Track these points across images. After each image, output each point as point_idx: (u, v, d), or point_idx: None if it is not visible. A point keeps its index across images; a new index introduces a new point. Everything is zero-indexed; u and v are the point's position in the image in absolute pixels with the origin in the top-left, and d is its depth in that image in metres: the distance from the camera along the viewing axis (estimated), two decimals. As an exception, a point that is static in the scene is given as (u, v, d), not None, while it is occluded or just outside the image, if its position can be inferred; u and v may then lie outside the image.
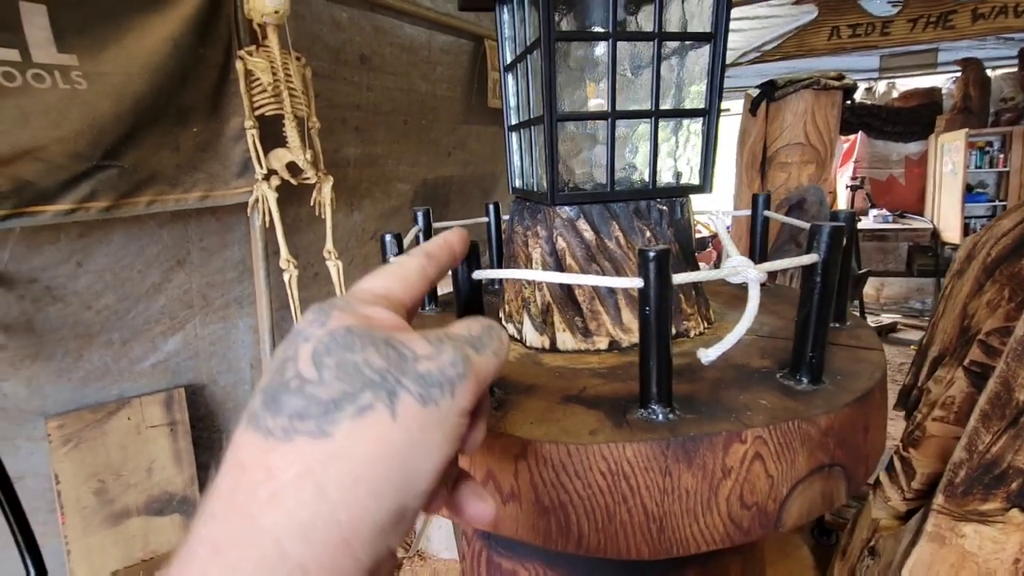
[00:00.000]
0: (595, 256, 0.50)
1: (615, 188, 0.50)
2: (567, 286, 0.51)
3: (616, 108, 0.48)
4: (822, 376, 0.41)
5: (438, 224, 0.71)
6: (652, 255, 0.34)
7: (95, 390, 1.47)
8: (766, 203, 0.65)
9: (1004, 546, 0.83)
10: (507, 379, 0.46)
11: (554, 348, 0.52)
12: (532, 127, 0.53)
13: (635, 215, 0.50)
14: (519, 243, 0.55)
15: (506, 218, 0.66)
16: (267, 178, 1.49)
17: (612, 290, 0.50)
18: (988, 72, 4.93)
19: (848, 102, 3.09)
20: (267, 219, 1.52)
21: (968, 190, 4.89)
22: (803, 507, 0.37)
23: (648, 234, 0.50)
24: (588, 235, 0.50)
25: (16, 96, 1.16)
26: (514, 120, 0.60)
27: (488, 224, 0.73)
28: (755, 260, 0.59)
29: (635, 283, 0.35)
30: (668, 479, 0.34)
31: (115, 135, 1.28)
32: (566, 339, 0.51)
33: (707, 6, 0.47)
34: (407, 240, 0.60)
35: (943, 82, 5.41)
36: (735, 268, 0.36)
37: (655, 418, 0.36)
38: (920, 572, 0.91)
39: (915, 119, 5.30)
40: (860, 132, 5.71)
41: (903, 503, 1.13)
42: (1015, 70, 4.84)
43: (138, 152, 1.33)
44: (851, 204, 5.77)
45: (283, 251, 1.52)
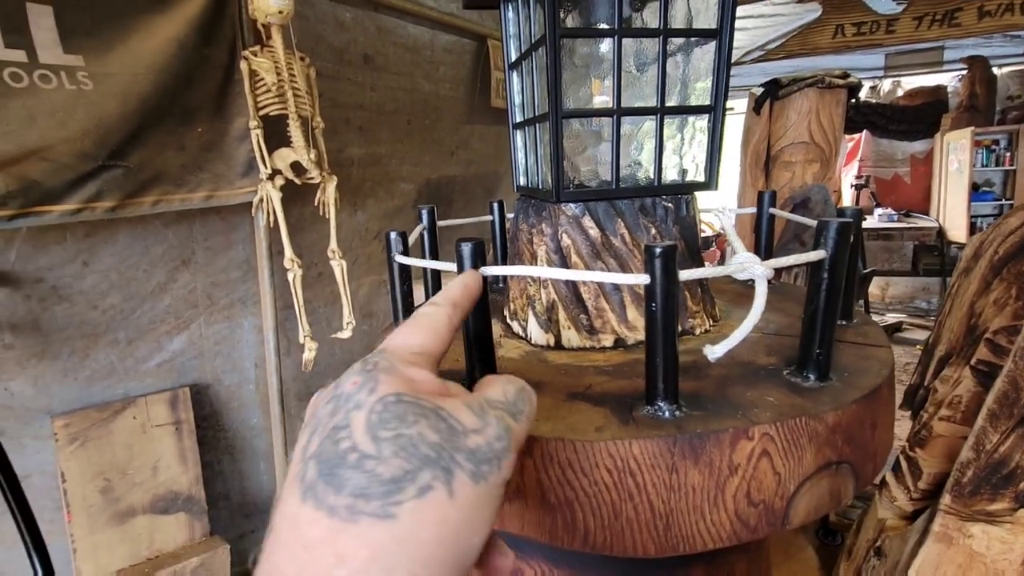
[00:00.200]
0: (600, 253, 0.50)
1: (620, 185, 0.50)
2: (572, 284, 0.51)
3: (621, 105, 0.47)
4: (829, 373, 0.40)
5: (442, 223, 0.71)
6: (658, 251, 0.33)
7: (101, 389, 1.48)
8: (772, 200, 0.65)
9: (1013, 547, 0.83)
10: (512, 377, 0.46)
11: (559, 346, 0.52)
12: (537, 124, 0.53)
13: (640, 212, 0.50)
14: (524, 241, 0.55)
15: (510, 216, 0.66)
16: (271, 178, 1.49)
17: (617, 287, 0.50)
18: (994, 70, 4.89)
19: (853, 100, 3.07)
20: (271, 219, 1.52)
21: (974, 188, 4.86)
22: (811, 504, 0.37)
23: (653, 231, 0.50)
24: (593, 232, 0.50)
25: (23, 96, 1.16)
26: (519, 118, 0.60)
27: (492, 222, 0.73)
28: (761, 257, 0.58)
29: (641, 279, 0.35)
30: (675, 476, 0.34)
31: (121, 135, 1.29)
32: (571, 337, 0.51)
33: (712, 2, 0.47)
34: (412, 238, 0.60)
35: (949, 80, 5.38)
36: (742, 264, 0.36)
37: (661, 415, 0.36)
38: (927, 573, 0.90)
39: (920, 117, 5.27)
40: (865, 131, 5.68)
41: (909, 503, 1.12)
42: (1022, 68, 4.81)
43: (143, 152, 1.33)
44: (856, 203, 5.75)
45: (287, 251, 1.52)
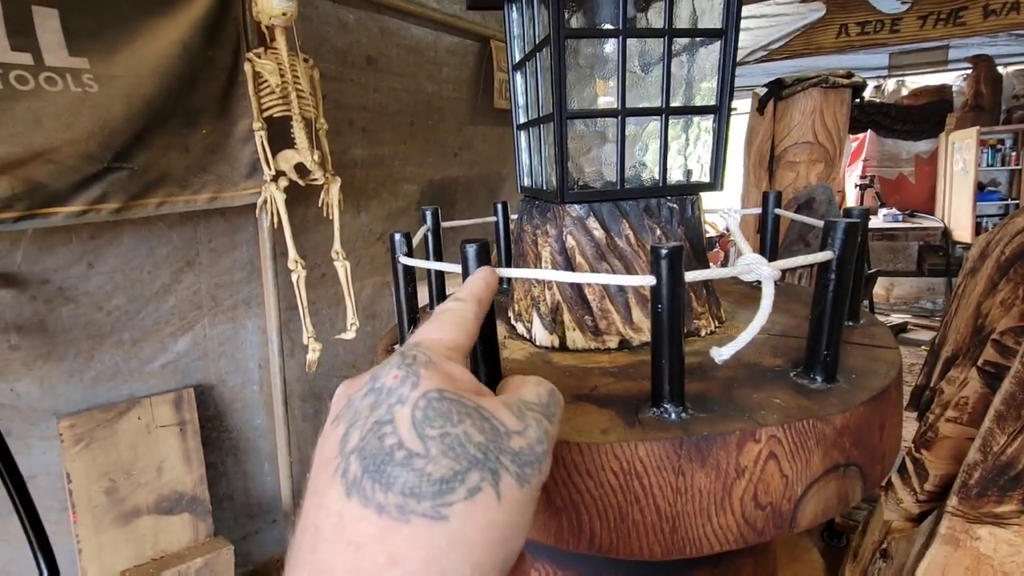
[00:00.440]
0: (605, 255, 0.50)
1: (625, 186, 0.50)
2: (577, 285, 0.50)
3: (626, 105, 0.47)
4: (836, 375, 0.40)
5: (446, 224, 0.71)
6: (664, 252, 0.33)
7: (106, 390, 1.49)
8: (777, 201, 0.64)
9: (1020, 549, 0.82)
10: (517, 378, 0.46)
11: (564, 347, 0.52)
12: (541, 125, 0.53)
13: (645, 213, 0.50)
14: (528, 242, 0.55)
15: (514, 217, 0.66)
16: (275, 179, 1.49)
17: (622, 289, 0.50)
18: (1000, 69, 4.87)
19: (857, 100, 3.06)
20: (275, 220, 1.53)
21: (980, 188, 4.83)
22: (818, 507, 0.36)
23: (658, 232, 0.50)
24: (598, 233, 0.50)
25: (29, 99, 1.17)
26: (523, 119, 0.60)
27: (496, 223, 0.73)
28: (767, 258, 0.58)
29: (647, 281, 0.34)
30: (681, 479, 0.34)
31: (125, 137, 1.29)
32: (576, 338, 0.51)
33: (717, 2, 0.47)
34: (416, 239, 0.60)
35: (953, 79, 5.35)
36: (748, 266, 0.36)
37: (668, 417, 0.36)
38: (934, 575, 0.90)
39: (925, 117, 5.25)
40: (869, 130, 5.66)
41: (916, 505, 1.12)
42: (1027, 67, 4.78)
43: (148, 154, 1.34)
44: (860, 203, 5.72)
45: (291, 252, 1.52)
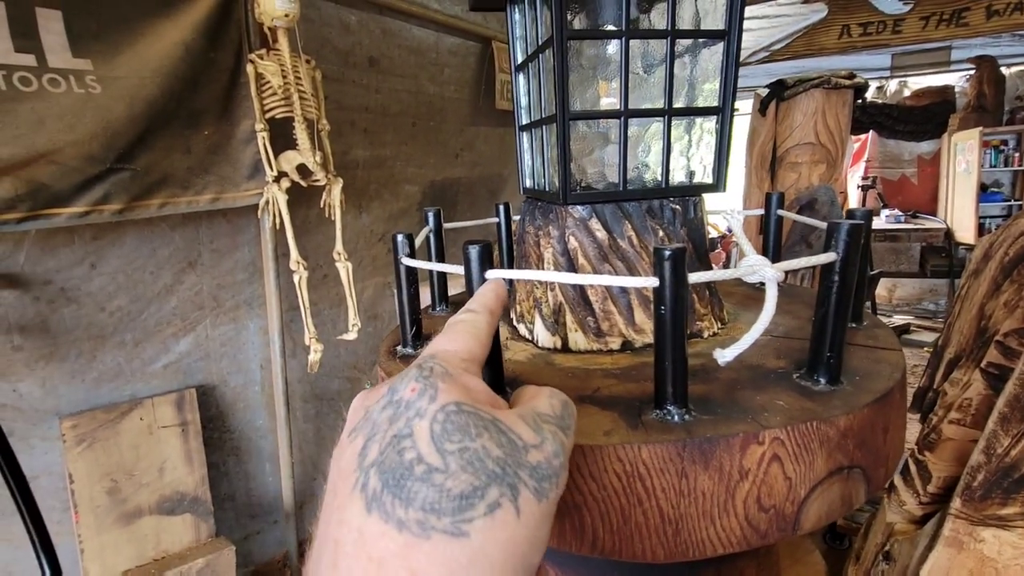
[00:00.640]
0: (608, 256, 0.50)
1: (628, 187, 0.49)
2: (579, 286, 0.50)
3: (629, 107, 0.47)
4: (840, 376, 0.40)
5: (448, 225, 0.71)
6: (667, 254, 0.33)
7: (108, 390, 1.49)
8: (780, 202, 0.64)
9: (1025, 551, 0.82)
10: (519, 380, 0.46)
11: (566, 348, 0.52)
12: (544, 126, 0.53)
13: (648, 214, 0.50)
14: (530, 243, 0.55)
15: (516, 218, 0.66)
16: (277, 180, 1.50)
17: (625, 290, 0.50)
18: (1003, 69, 4.85)
19: (859, 101, 3.05)
20: (277, 221, 1.53)
21: (983, 189, 4.82)
22: (821, 510, 0.36)
23: (661, 233, 0.50)
24: (600, 235, 0.49)
25: (32, 100, 1.17)
26: (525, 120, 0.60)
27: (498, 224, 0.73)
28: (770, 260, 0.58)
29: (650, 282, 0.34)
30: (684, 481, 0.34)
31: (128, 138, 1.30)
32: (578, 339, 0.51)
33: (720, 3, 0.47)
34: (418, 240, 0.60)
35: (956, 80, 5.34)
36: (752, 267, 0.36)
37: (671, 419, 0.36)
38: (937, 577, 0.89)
39: (928, 118, 5.23)
40: (871, 131, 5.65)
41: (918, 507, 1.11)
42: (1030, 67, 4.77)
43: (150, 155, 1.34)
44: (863, 204, 5.71)
45: (293, 253, 1.53)
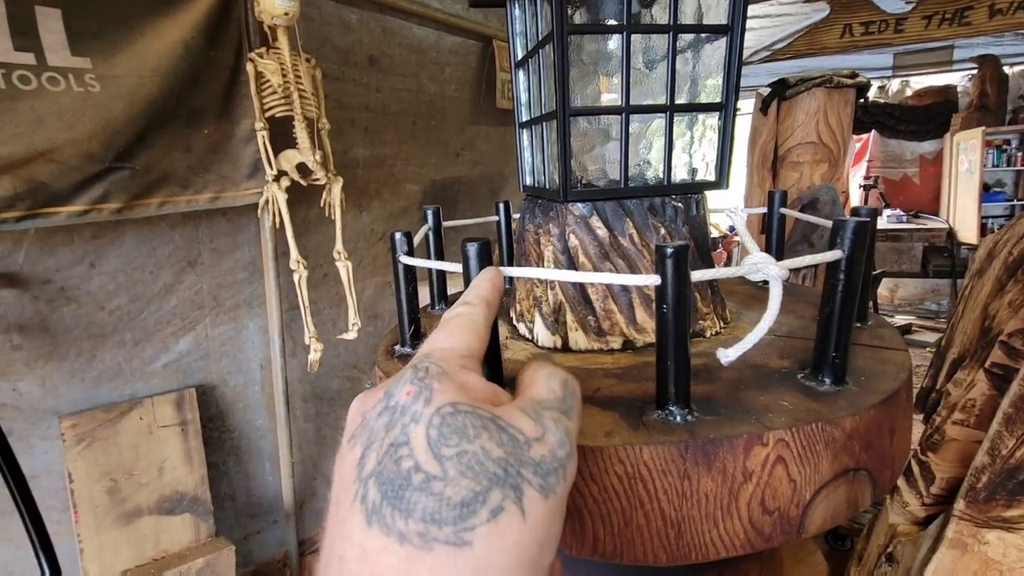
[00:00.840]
0: (608, 254, 0.49)
1: (629, 184, 0.49)
2: (580, 285, 0.50)
3: (630, 103, 0.47)
4: (845, 377, 0.39)
5: (447, 223, 0.70)
6: (670, 251, 0.33)
7: (108, 390, 1.49)
8: (783, 200, 0.64)
9: (1030, 554, 0.81)
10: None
11: (566, 348, 0.51)
12: (544, 123, 0.53)
13: (649, 212, 0.49)
14: (530, 241, 0.54)
15: (516, 217, 0.66)
16: (277, 179, 1.49)
17: (626, 289, 0.49)
18: (1005, 69, 4.84)
19: (861, 100, 3.04)
20: (277, 220, 1.52)
21: (985, 189, 4.81)
22: (827, 513, 0.36)
23: (663, 231, 0.49)
24: (601, 232, 0.49)
25: (31, 99, 1.17)
26: (525, 117, 0.59)
27: (498, 223, 0.73)
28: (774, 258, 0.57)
29: (652, 280, 0.34)
30: (687, 483, 0.33)
31: (127, 137, 1.29)
32: (579, 339, 0.50)
33: (723, -2, 0.46)
34: (417, 239, 0.59)
35: (958, 80, 5.32)
36: (756, 265, 0.35)
37: (673, 420, 0.35)
38: (941, 579, 0.89)
39: (930, 117, 5.22)
40: (873, 131, 5.63)
41: (922, 508, 1.10)
42: (1033, 67, 4.75)
43: (150, 154, 1.34)
44: (864, 204, 5.70)
45: (293, 252, 1.52)
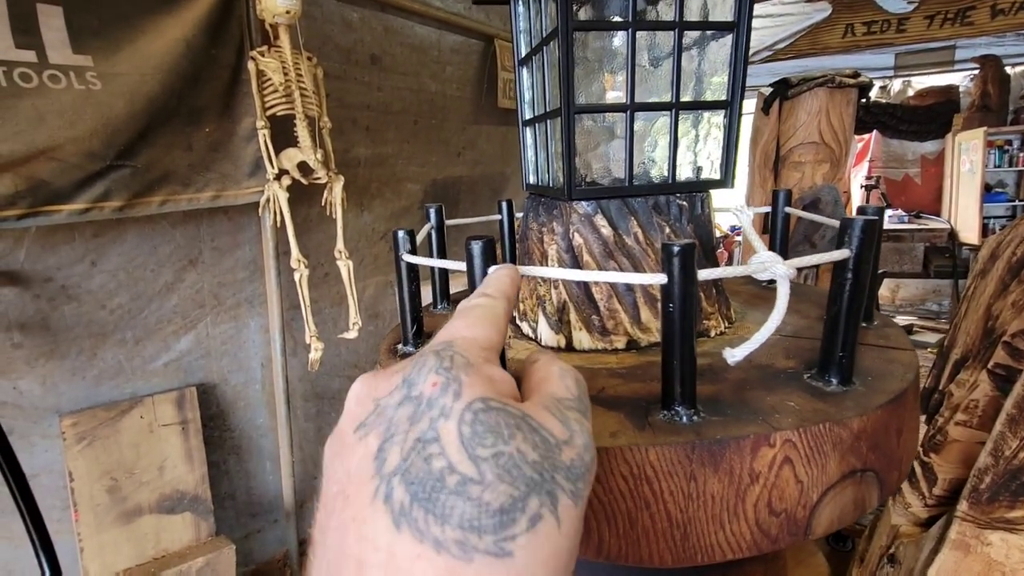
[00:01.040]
0: (613, 253, 0.49)
1: (634, 183, 0.48)
2: (584, 284, 0.49)
3: (635, 100, 0.46)
4: (852, 377, 0.39)
5: (450, 222, 0.70)
6: (677, 250, 0.32)
7: (108, 388, 1.49)
8: (787, 199, 0.63)
9: (1034, 555, 0.80)
10: (521, 380, 0.45)
11: (570, 347, 0.51)
12: (548, 121, 0.52)
13: (654, 211, 0.49)
14: (534, 240, 0.54)
15: (519, 215, 0.65)
16: (278, 178, 1.49)
17: (630, 288, 0.49)
18: (1007, 69, 4.82)
19: (863, 100, 3.03)
20: (278, 219, 1.52)
21: (987, 189, 4.79)
22: (834, 514, 0.35)
23: (668, 230, 0.49)
24: (606, 231, 0.48)
25: (32, 96, 1.17)
26: (529, 115, 0.59)
27: (501, 221, 0.72)
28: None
29: (658, 279, 0.33)
30: (693, 484, 0.33)
31: (128, 135, 1.29)
32: (583, 338, 0.50)
33: (729, -5, 0.46)
34: (419, 237, 0.59)
35: (960, 80, 5.31)
36: (763, 264, 0.35)
37: (679, 420, 0.35)
38: (944, 581, 0.88)
39: (931, 117, 5.21)
40: (875, 131, 5.62)
41: (924, 509, 1.10)
42: (1035, 67, 4.74)
43: (151, 152, 1.33)
44: (866, 204, 5.69)
45: (294, 251, 1.52)
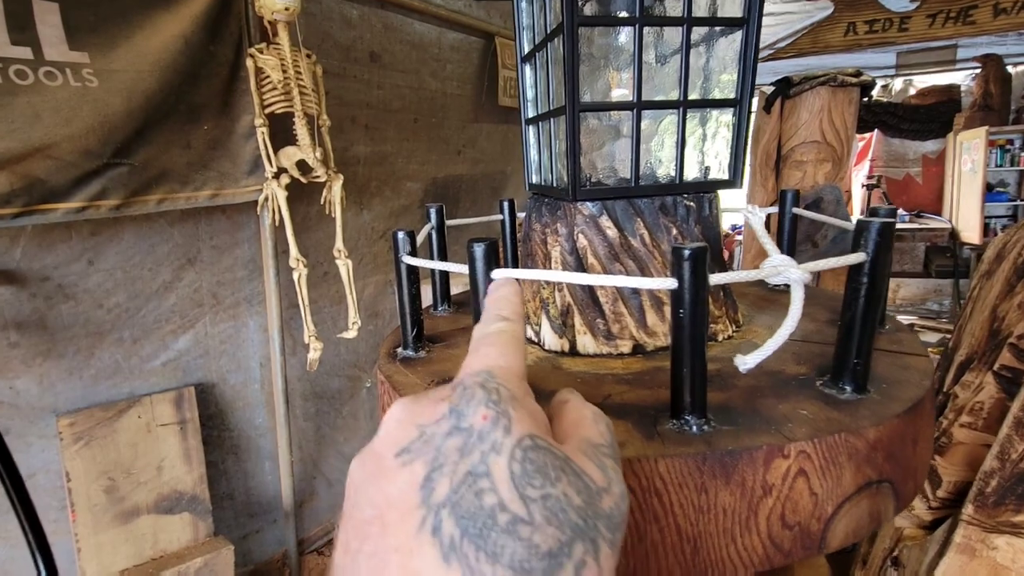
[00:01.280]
0: (618, 255, 0.47)
1: (640, 183, 0.47)
2: (589, 287, 0.48)
3: (641, 98, 0.45)
4: (867, 384, 0.38)
5: (451, 222, 0.68)
6: (688, 253, 0.31)
7: (106, 388, 1.47)
8: (795, 200, 0.62)
9: (1042, 561, 0.80)
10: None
11: (574, 352, 0.50)
12: (552, 119, 0.51)
13: (661, 211, 0.48)
14: (537, 241, 0.53)
15: (521, 215, 0.64)
16: (277, 176, 1.48)
17: (636, 291, 0.48)
18: (1009, 68, 4.81)
19: (864, 100, 3.02)
20: (277, 217, 1.51)
21: (988, 189, 4.78)
22: (849, 527, 0.34)
23: (674, 231, 0.48)
24: (611, 233, 0.47)
25: (28, 94, 1.15)
26: (531, 113, 0.57)
27: (503, 222, 0.71)
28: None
29: (668, 283, 0.32)
30: (704, 497, 0.32)
31: (126, 133, 1.27)
32: (587, 342, 0.49)
33: (739, -10, 0.45)
34: (420, 238, 0.57)
35: (962, 79, 5.30)
36: (776, 268, 0.33)
37: (689, 430, 0.34)
38: (951, 586, 0.87)
39: (933, 117, 5.20)
40: (876, 130, 5.61)
41: (928, 512, 1.09)
42: (1038, 66, 4.73)
43: (149, 150, 1.32)
44: (867, 203, 5.67)
45: (293, 250, 1.51)
